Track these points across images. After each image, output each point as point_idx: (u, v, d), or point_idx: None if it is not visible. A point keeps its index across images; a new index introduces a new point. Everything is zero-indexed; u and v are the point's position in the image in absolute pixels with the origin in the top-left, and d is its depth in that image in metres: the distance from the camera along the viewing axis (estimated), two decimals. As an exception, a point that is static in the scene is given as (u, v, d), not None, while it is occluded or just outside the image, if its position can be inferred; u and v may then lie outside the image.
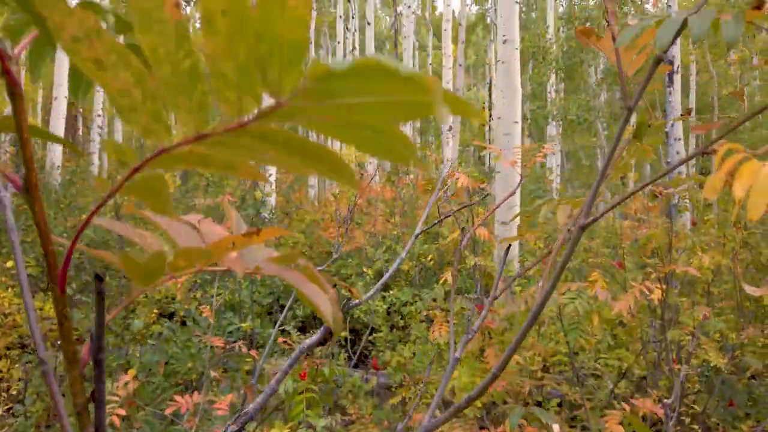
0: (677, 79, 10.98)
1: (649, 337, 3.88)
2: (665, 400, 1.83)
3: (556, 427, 1.49)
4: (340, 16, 17.89)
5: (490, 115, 26.50)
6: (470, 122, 30.91)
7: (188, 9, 18.87)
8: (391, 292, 5.27)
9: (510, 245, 1.35)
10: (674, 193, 4.49)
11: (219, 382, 2.12)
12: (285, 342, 2.93)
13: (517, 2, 6.35)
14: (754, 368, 3.90)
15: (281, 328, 3.77)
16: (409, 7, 14.83)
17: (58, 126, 10.72)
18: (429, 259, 6.61)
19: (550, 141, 12.86)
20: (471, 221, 3.24)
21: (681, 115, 0.92)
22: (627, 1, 16.75)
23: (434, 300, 3.46)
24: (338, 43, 18.41)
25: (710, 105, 19.53)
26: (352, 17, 21.45)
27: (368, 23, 15.48)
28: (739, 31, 0.55)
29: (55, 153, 10.62)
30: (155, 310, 4.46)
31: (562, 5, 18.50)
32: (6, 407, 3.29)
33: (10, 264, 4.22)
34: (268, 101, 0.24)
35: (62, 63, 10.56)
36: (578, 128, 11.19)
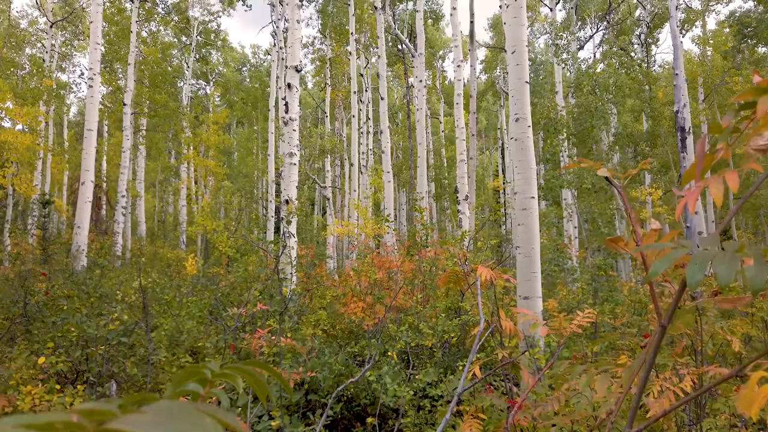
0: (689, 141, 11.12)
1: (683, 422, 3.79)
2: None
3: None
4: (354, 92, 18.54)
5: (504, 179, 26.78)
6: (485, 186, 31.19)
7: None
8: (417, 376, 5.23)
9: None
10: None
11: None
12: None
13: (527, 82, 6.57)
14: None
15: (310, 424, 3.74)
16: (421, 81, 15.34)
17: (85, 209, 11.04)
18: (452, 336, 6.57)
19: (566, 207, 12.96)
20: (496, 311, 3.25)
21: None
22: (633, 66, 17.15)
23: (460, 402, 3.42)
24: (353, 116, 18.99)
25: (726, 162, 19.62)
26: (366, 90, 22.19)
27: (382, 98, 15.99)
28: (764, 277, 0.62)
29: (81, 235, 10.88)
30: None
31: (570, 71, 18.98)
32: None
33: (42, 360, 4.28)
34: None
35: (90, 151, 10.99)
36: (594, 195, 11.28)
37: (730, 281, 0.62)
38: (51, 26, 21.39)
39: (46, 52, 21.34)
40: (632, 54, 20.63)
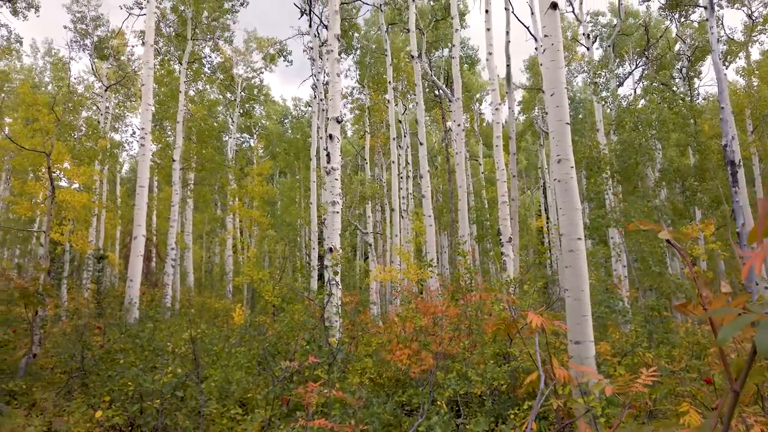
0: (741, 175, 10.77)
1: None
2: None
3: None
4: (393, 138, 18.81)
5: (547, 219, 26.40)
6: (528, 227, 30.78)
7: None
8: (467, 426, 5.09)
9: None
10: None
11: None
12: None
13: (567, 123, 6.55)
14: None
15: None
16: (459, 124, 15.47)
17: (137, 263, 11.39)
18: (502, 383, 6.40)
19: (614, 247, 12.62)
20: (548, 358, 3.17)
21: None
22: (676, 100, 16.89)
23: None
24: (393, 162, 19.22)
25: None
26: (404, 136, 22.48)
27: (421, 143, 16.17)
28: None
29: (134, 288, 11.19)
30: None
31: (610, 109, 18.79)
32: None
33: (99, 414, 4.37)
34: None
35: (141, 207, 11.41)
36: (642, 233, 10.98)
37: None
38: (105, 90, 22.68)
39: (101, 114, 22.57)
40: (674, 88, 20.34)
